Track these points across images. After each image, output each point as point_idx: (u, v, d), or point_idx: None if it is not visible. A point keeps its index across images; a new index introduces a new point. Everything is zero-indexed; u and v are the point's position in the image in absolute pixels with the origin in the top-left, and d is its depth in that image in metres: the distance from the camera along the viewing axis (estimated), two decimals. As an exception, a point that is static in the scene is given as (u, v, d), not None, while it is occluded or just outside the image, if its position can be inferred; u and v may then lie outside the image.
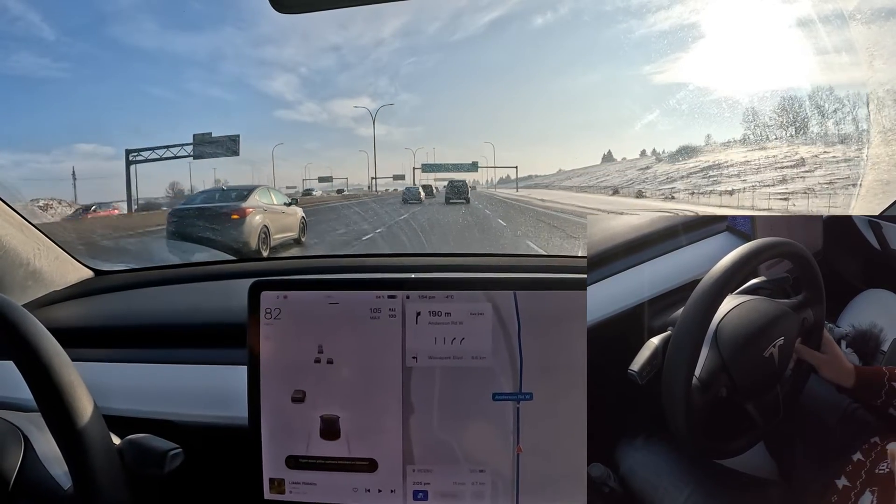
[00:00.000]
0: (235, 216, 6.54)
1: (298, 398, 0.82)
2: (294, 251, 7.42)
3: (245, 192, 7.17)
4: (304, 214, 7.99)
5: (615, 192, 19.85)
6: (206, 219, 6.63)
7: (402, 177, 24.65)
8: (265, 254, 6.47)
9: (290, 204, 8.00)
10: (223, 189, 8.15)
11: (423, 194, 17.28)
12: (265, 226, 6.80)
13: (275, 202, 7.49)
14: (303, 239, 7.66)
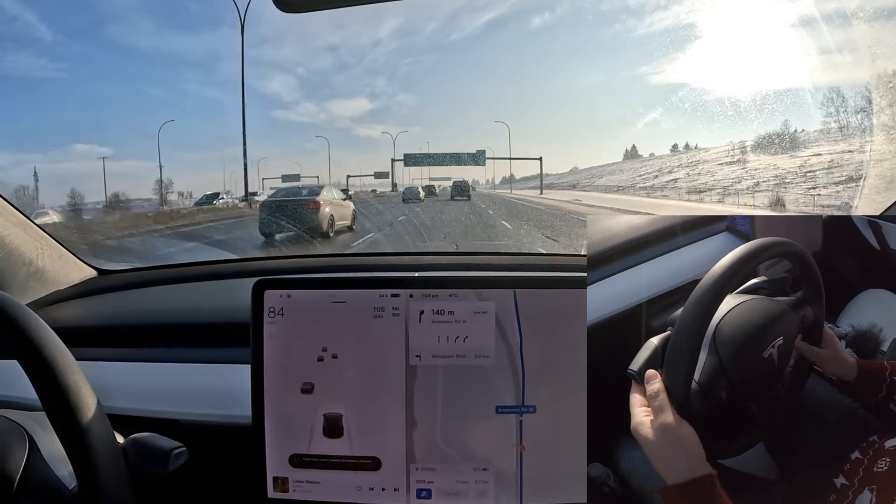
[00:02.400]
0: (314, 206, 8.45)
1: (308, 389, 0.83)
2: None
3: (317, 189, 9.34)
4: (355, 207, 10.14)
5: (778, 201, 11.59)
6: (291, 207, 8.55)
7: (385, 174, 20.56)
8: (331, 235, 8.44)
9: (345, 199, 10.14)
10: (298, 187, 10.88)
11: (422, 194, 17.28)
12: (331, 214, 8.68)
13: (336, 197, 9.46)
14: (353, 227, 9.55)
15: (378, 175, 21.40)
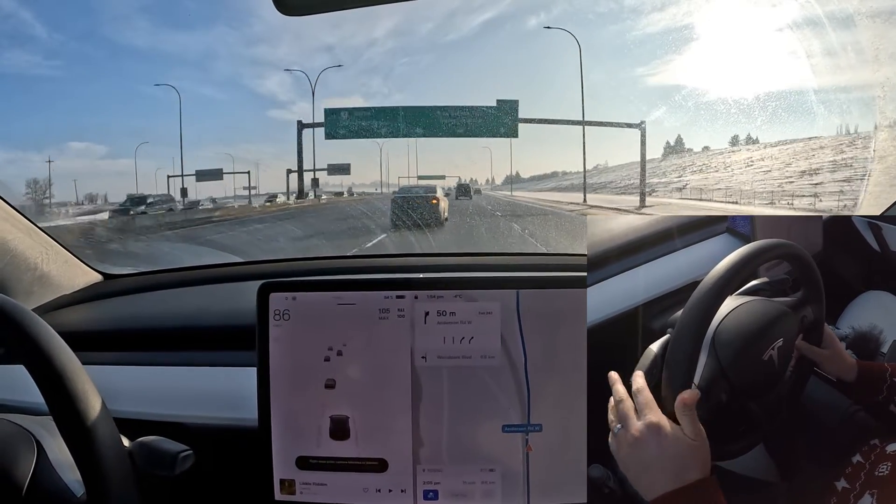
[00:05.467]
0: (434, 201, 10.26)
1: (331, 384, 0.83)
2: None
3: (432, 189, 11.15)
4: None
5: None
6: (417, 202, 10.26)
7: (344, 168, 15.78)
8: (444, 224, 10.17)
9: (446, 196, 11.90)
10: (416, 186, 12.75)
11: None
12: (443, 208, 10.51)
13: (442, 194, 11.12)
14: (448, 218, 10.92)
15: (334, 169, 16.10)
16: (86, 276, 1.42)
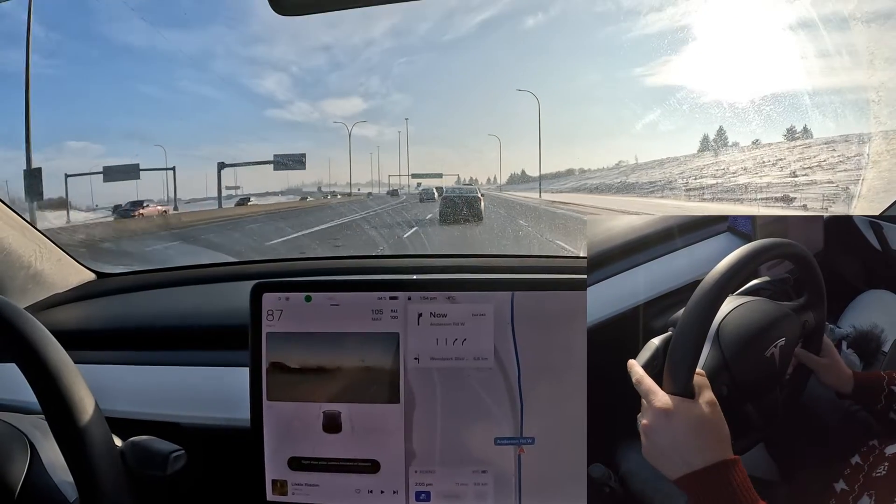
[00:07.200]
0: (478, 200, 11.67)
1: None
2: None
3: (474, 189, 13.33)
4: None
5: None
6: (462, 199, 11.87)
7: (297, 160, 14.32)
8: (482, 218, 11.41)
9: (483, 195, 13.30)
10: (461, 186, 14.91)
11: (437, 195, 17.23)
12: (483, 206, 11.82)
13: (480, 194, 12.76)
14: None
15: (281, 164, 14.42)
16: (79, 275, 1.42)
